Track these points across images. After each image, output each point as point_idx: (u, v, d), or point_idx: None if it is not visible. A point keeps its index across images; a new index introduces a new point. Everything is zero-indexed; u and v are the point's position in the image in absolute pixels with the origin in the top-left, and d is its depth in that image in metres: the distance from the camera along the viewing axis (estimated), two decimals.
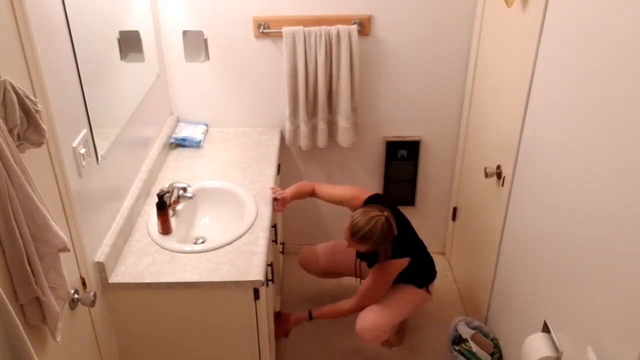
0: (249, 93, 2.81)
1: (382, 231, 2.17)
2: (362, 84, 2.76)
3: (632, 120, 1.34)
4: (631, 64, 1.35)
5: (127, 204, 2.08)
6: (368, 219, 2.16)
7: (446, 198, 3.13)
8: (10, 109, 1.21)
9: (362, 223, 2.16)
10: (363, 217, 2.17)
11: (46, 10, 1.49)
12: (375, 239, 2.17)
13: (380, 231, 2.16)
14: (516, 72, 2.11)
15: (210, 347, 2.02)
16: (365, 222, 2.16)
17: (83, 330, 1.73)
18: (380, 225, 2.16)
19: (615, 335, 1.41)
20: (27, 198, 1.24)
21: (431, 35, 2.66)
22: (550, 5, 1.82)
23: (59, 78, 1.56)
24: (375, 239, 2.17)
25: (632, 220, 1.34)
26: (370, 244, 2.18)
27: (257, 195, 2.31)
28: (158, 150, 2.47)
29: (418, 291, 2.48)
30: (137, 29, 2.27)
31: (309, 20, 2.57)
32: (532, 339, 1.83)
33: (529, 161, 2.03)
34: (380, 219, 2.17)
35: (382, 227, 2.16)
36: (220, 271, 1.90)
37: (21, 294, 1.31)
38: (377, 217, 2.17)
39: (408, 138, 2.94)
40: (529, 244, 2.03)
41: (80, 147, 1.67)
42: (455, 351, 2.41)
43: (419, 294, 2.49)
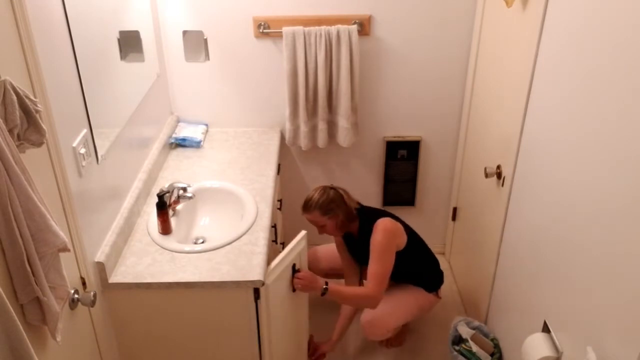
0: (249, 93, 2.81)
1: (321, 196, 2.23)
2: (362, 84, 2.76)
3: (632, 120, 1.34)
4: (631, 64, 1.35)
5: (127, 204, 2.08)
6: (314, 189, 2.29)
7: (446, 198, 3.13)
8: (10, 109, 1.21)
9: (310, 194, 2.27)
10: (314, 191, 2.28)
11: (46, 10, 1.49)
12: (318, 202, 2.22)
13: (320, 195, 2.24)
14: (516, 72, 2.11)
15: (210, 347, 2.02)
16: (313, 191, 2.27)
17: (83, 330, 1.73)
18: (322, 190, 2.25)
19: (615, 335, 1.41)
20: (27, 198, 1.24)
21: (431, 35, 2.66)
22: (550, 5, 1.82)
23: (59, 78, 1.56)
24: (318, 203, 2.22)
25: (632, 220, 1.34)
26: (317, 209, 2.23)
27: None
28: (158, 150, 2.47)
29: (428, 295, 2.50)
30: (137, 29, 2.27)
31: (309, 20, 2.57)
32: (532, 339, 1.83)
33: (529, 161, 2.03)
34: (325, 187, 2.27)
35: (324, 192, 2.25)
36: (220, 271, 1.90)
37: (21, 294, 1.31)
38: (321, 187, 2.28)
39: (408, 138, 2.94)
40: (529, 244, 2.03)
41: (80, 147, 1.67)
42: (455, 351, 2.41)
43: (429, 297, 2.51)
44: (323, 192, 2.25)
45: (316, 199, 2.24)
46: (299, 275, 2.14)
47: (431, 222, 3.21)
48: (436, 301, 2.56)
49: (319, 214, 2.24)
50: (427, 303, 2.51)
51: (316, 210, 2.24)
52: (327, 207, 2.24)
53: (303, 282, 2.13)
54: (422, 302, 2.50)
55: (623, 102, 1.39)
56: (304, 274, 2.16)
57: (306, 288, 2.15)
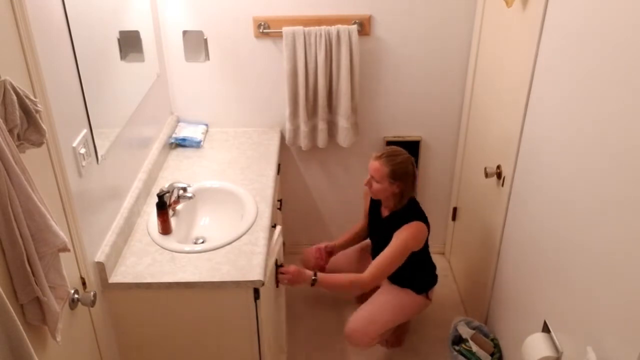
0: (249, 93, 2.81)
1: (403, 160, 2.22)
2: (362, 84, 2.76)
3: (632, 120, 1.34)
4: (631, 64, 1.35)
5: (127, 204, 2.08)
6: (394, 149, 2.27)
7: (446, 198, 3.13)
8: (10, 109, 1.21)
9: (388, 150, 2.26)
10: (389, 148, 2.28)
11: (46, 10, 1.49)
12: (397, 162, 2.21)
13: (402, 159, 2.22)
14: (516, 72, 2.11)
15: (210, 347, 2.02)
16: (391, 149, 2.26)
17: (83, 330, 1.73)
18: (405, 158, 2.23)
19: (615, 335, 1.41)
20: (27, 198, 1.24)
21: (431, 35, 2.66)
22: (550, 5, 1.82)
23: (59, 78, 1.56)
24: (397, 163, 2.21)
25: (632, 220, 1.34)
26: (392, 167, 2.20)
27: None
28: (158, 150, 2.47)
29: (416, 297, 2.47)
30: (137, 29, 2.27)
31: (309, 20, 2.57)
32: (532, 339, 1.83)
33: (529, 161, 2.03)
34: (403, 153, 2.25)
35: (406, 159, 2.24)
36: (220, 271, 1.90)
37: (21, 294, 1.31)
38: (401, 151, 2.26)
39: (408, 138, 2.94)
40: (529, 244, 2.03)
41: (80, 147, 1.67)
42: (455, 351, 2.41)
43: (417, 300, 2.47)
44: (407, 161, 2.24)
45: (398, 161, 2.21)
46: (283, 270, 2.19)
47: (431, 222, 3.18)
48: (426, 303, 2.52)
49: (388, 173, 2.22)
50: (415, 306, 2.48)
51: (389, 167, 2.21)
52: (400, 174, 2.22)
53: (288, 276, 2.18)
54: (409, 306, 2.46)
55: (623, 102, 1.39)
56: (288, 268, 2.19)
57: (293, 281, 2.19)
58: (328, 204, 3.15)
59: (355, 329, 2.37)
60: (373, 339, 2.38)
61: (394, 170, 2.21)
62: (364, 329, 2.36)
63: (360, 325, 2.37)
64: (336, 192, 3.11)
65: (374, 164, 2.24)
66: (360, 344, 2.38)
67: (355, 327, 2.37)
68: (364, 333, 2.36)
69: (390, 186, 2.24)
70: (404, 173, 2.22)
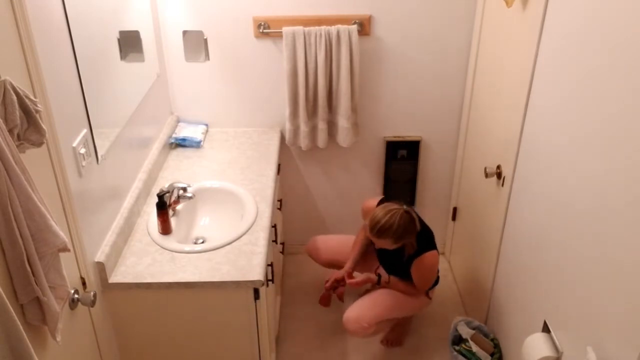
0: (249, 93, 2.81)
1: (400, 223, 2.15)
2: (362, 84, 2.76)
3: (632, 120, 1.34)
4: (631, 64, 1.35)
5: (127, 204, 2.08)
6: (386, 211, 2.17)
7: (446, 198, 3.13)
8: (10, 109, 1.21)
9: (380, 216, 2.16)
10: (382, 211, 2.18)
11: (46, 10, 1.49)
12: (394, 231, 2.15)
13: (399, 223, 2.15)
14: (516, 72, 2.11)
15: (210, 347, 2.02)
16: (383, 214, 2.16)
17: (83, 330, 1.73)
18: (399, 217, 2.15)
19: (615, 335, 1.41)
20: (27, 198, 1.24)
21: (431, 35, 2.66)
22: (550, 5, 1.82)
23: (59, 78, 1.56)
24: (394, 231, 2.15)
25: (632, 220, 1.34)
26: (391, 237, 2.17)
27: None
28: (158, 150, 2.47)
29: (418, 295, 2.49)
30: (137, 29, 2.27)
31: (309, 20, 2.57)
32: (532, 339, 1.83)
33: (529, 161, 2.03)
34: (398, 211, 2.17)
35: (401, 218, 2.16)
36: (220, 271, 1.90)
37: (21, 294, 1.31)
38: (395, 210, 2.17)
39: (408, 138, 2.94)
40: (529, 244, 2.03)
41: (80, 147, 1.67)
42: (455, 351, 2.41)
43: (418, 297, 2.50)
44: (399, 219, 2.15)
45: (395, 229, 2.14)
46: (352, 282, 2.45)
47: (431, 222, 3.18)
48: (426, 302, 2.55)
49: (390, 241, 2.20)
50: (414, 304, 2.50)
51: (388, 238, 2.18)
52: (401, 235, 2.18)
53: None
54: (408, 303, 2.48)
55: (623, 102, 1.39)
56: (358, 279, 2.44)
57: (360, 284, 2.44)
58: (328, 204, 3.15)
59: (350, 315, 2.40)
60: (368, 326, 2.40)
61: (396, 238, 2.19)
62: (359, 316, 2.38)
63: (356, 312, 2.40)
64: (336, 192, 3.11)
65: (376, 241, 2.23)
66: (355, 331, 2.40)
67: (350, 315, 2.40)
68: (360, 319, 2.38)
69: (397, 245, 2.24)
70: (405, 231, 2.19)
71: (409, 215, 2.19)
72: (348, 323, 2.40)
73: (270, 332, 2.27)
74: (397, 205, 2.20)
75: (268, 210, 2.23)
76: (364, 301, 2.45)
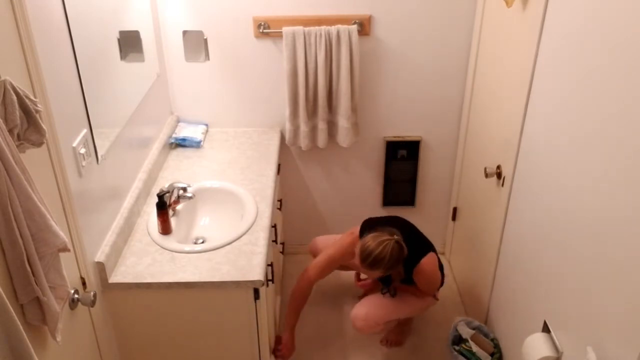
0: (249, 93, 2.81)
1: (392, 254, 2.13)
2: (362, 84, 2.76)
3: (632, 120, 1.34)
4: (631, 64, 1.35)
5: (127, 204, 2.08)
6: (378, 243, 2.13)
7: (446, 198, 3.13)
8: (10, 109, 1.21)
9: (372, 247, 2.13)
10: (373, 242, 2.14)
11: (46, 10, 1.49)
12: (386, 263, 2.14)
13: (391, 255, 2.13)
14: (516, 72, 2.11)
15: (210, 347, 2.02)
16: (375, 246, 2.13)
17: (83, 330, 1.73)
18: (391, 249, 2.13)
19: (615, 335, 1.41)
20: (27, 198, 1.24)
21: (431, 35, 2.66)
22: (550, 5, 1.82)
23: (59, 78, 1.56)
24: (386, 263, 2.14)
25: (632, 220, 1.34)
26: (382, 268, 2.15)
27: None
28: (158, 150, 2.47)
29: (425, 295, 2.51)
30: (137, 29, 2.27)
31: (309, 20, 2.57)
32: (532, 339, 1.83)
33: (529, 161, 2.03)
34: (390, 242, 2.13)
35: (393, 250, 2.13)
36: (220, 271, 1.90)
37: (21, 294, 1.31)
38: (387, 241, 2.13)
39: (408, 138, 2.94)
40: (529, 244, 2.03)
41: (80, 147, 1.67)
42: (455, 351, 2.41)
43: (425, 298, 2.52)
44: (391, 250, 2.13)
45: (387, 260, 2.12)
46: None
47: (431, 222, 3.21)
48: (433, 302, 2.57)
49: (382, 272, 2.19)
50: (422, 304, 2.53)
51: (383, 270, 2.17)
52: (392, 266, 2.17)
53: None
54: (415, 303, 2.51)
55: (623, 102, 1.39)
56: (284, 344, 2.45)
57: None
58: (328, 204, 3.15)
59: (359, 313, 2.42)
60: (376, 324, 2.42)
61: (387, 269, 2.18)
62: (368, 315, 2.40)
63: (364, 310, 2.42)
64: (336, 192, 3.11)
65: (367, 272, 2.22)
66: (363, 328, 2.43)
67: (360, 312, 2.42)
68: (368, 318, 2.40)
69: (390, 272, 2.24)
70: (397, 260, 2.17)
71: (399, 245, 2.17)
72: (356, 320, 2.42)
73: (270, 332, 2.27)
74: (388, 235, 2.17)
75: (268, 210, 2.23)
76: (373, 299, 2.47)
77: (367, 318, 2.41)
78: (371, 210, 3.15)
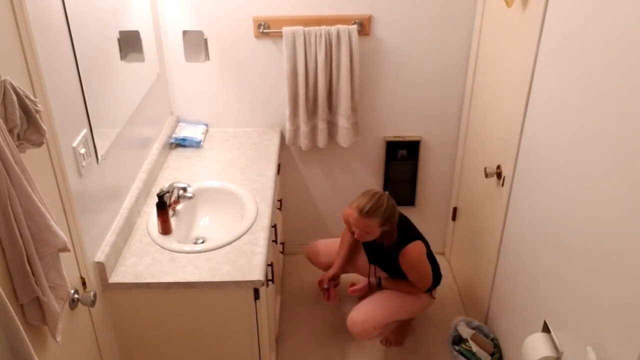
0: (249, 93, 2.81)
1: (388, 204, 2.22)
2: (362, 84, 2.76)
3: (632, 120, 1.34)
4: (631, 64, 1.35)
5: (127, 204, 2.08)
6: (372, 194, 2.23)
7: (446, 198, 3.13)
8: (10, 109, 1.21)
9: (367, 198, 2.22)
10: (367, 195, 2.23)
11: (46, 10, 1.49)
12: (384, 210, 2.20)
13: (387, 204, 2.22)
14: (516, 72, 2.11)
15: (210, 347, 2.02)
16: (370, 196, 2.22)
17: (83, 330, 1.73)
18: (386, 199, 2.23)
19: (615, 335, 1.41)
20: (27, 198, 1.24)
21: (431, 35, 2.66)
22: (550, 5, 1.82)
23: (59, 78, 1.56)
24: (384, 211, 2.20)
25: (632, 220, 1.34)
26: (380, 217, 2.20)
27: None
28: (158, 150, 2.47)
29: (421, 295, 2.50)
30: (137, 29, 2.27)
31: (309, 20, 2.57)
32: (532, 339, 1.83)
33: (529, 161, 2.03)
34: (384, 194, 2.25)
35: (388, 200, 2.23)
36: (220, 271, 1.90)
37: (21, 294, 1.31)
38: (380, 193, 2.24)
39: (408, 138, 2.94)
40: (529, 244, 2.03)
41: (80, 147, 1.67)
42: (455, 351, 2.41)
43: (422, 298, 2.50)
44: (387, 200, 2.23)
45: (383, 209, 2.19)
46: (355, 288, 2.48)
47: (431, 222, 3.21)
48: (430, 302, 2.56)
49: (378, 222, 2.22)
50: (420, 303, 2.51)
51: (377, 218, 2.20)
52: (387, 216, 2.22)
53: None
54: (413, 303, 2.49)
55: (623, 102, 1.39)
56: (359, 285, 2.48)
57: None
58: (328, 204, 3.15)
59: (356, 319, 2.40)
60: (374, 329, 2.40)
61: (383, 219, 2.22)
62: (365, 319, 2.39)
63: (362, 315, 2.40)
64: (336, 192, 3.11)
65: (361, 220, 2.21)
66: (361, 333, 2.40)
67: (357, 318, 2.40)
68: (366, 322, 2.38)
69: (381, 230, 2.26)
70: (391, 214, 2.24)
71: (390, 197, 2.27)
72: (354, 326, 2.40)
73: (270, 332, 2.27)
74: (376, 190, 2.28)
75: (268, 210, 2.23)
76: (369, 303, 2.45)
77: (364, 323, 2.38)
78: None
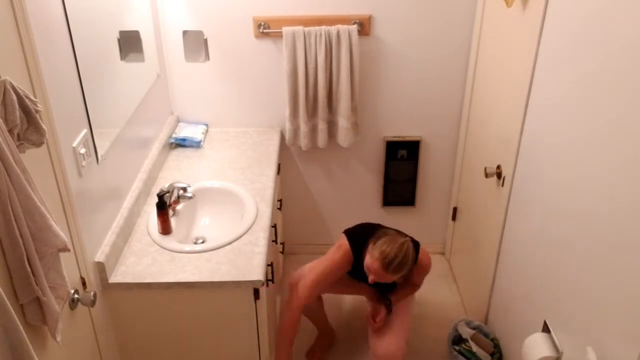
0: (249, 93, 2.81)
1: (412, 255, 2.07)
2: (362, 84, 2.76)
3: (632, 120, 1.34)
4: (631, 64, 1.35)
5: (127, 203, 2.08)
6: (398, 246, 2.02)
7: (446, 198, 3.13)
8: (10, 109, 1.21)
9: (393, 252, 2.00)
10: (391, 246, 2.01)
11: (46, 10, 1.49)
12: (409, 264, 2.05)
13: (412, 256, 2.06)
14: (516, 72, 2.11)
15: (210, 347, 2.02)
16: (397, 249, 2.00)
17: (83, 330, 1.73)
18: (411, 250, 2.06)
19: (615, 335, 1.41)
20: (27, 198, 1.24)
21: (431, 35, 2.66)
22: (550, 5, 1.82)
23: (59, 78, 1.56)
24: (409, 265, 2.05)
25: (632, 220, 1.34)
26: (405, 271, 2.05)
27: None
28: (158, 150, 2.47)
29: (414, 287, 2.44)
30: (137, 29, 2.27)
31: (309, 20, 2.57)
32: (532, 339, 1.83)
33: (529, 161, 2.03)
34: (407, 242, 2.05)
35: (412, 250, 2.07)
36: (220, 271, 1.90)
37: (21, 294, 1.31)
38: (405, 242, 2.04)
39: (408, 138, 2.94)
40: (528, 244, 2.03)
41: (80, 147, 1.67)
42: (455, 351, 2.41)
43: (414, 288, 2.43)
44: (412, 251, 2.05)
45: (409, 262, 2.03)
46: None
47: (431, 222, 3.21)
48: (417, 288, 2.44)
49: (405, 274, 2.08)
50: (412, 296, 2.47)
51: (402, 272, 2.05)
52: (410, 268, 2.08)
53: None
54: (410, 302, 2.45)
55: (623, 102, 1.39)
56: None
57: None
58: (328, 204, 3.15)
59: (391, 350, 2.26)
60: (406, 345, 2.32)
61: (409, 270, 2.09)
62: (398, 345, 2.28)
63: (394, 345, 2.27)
64: (336, 192, 3.11)
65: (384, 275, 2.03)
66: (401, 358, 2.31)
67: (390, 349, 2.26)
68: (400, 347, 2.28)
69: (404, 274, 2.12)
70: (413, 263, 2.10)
71: (414, 243, 2.12)
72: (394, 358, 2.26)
73: (270, 332, 2.27)
74: (401, 236, 2.08)
75: (268, 210, 2.23)
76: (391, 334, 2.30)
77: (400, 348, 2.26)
78: (371, 210, 3.15)
